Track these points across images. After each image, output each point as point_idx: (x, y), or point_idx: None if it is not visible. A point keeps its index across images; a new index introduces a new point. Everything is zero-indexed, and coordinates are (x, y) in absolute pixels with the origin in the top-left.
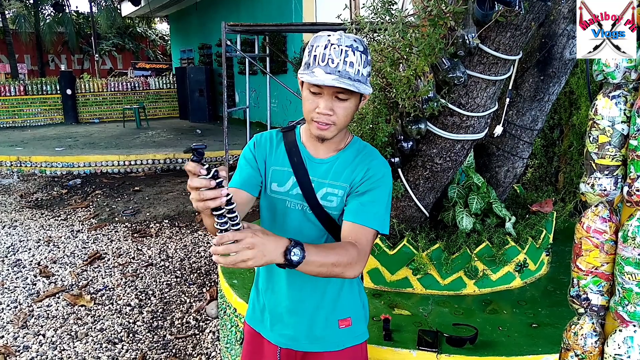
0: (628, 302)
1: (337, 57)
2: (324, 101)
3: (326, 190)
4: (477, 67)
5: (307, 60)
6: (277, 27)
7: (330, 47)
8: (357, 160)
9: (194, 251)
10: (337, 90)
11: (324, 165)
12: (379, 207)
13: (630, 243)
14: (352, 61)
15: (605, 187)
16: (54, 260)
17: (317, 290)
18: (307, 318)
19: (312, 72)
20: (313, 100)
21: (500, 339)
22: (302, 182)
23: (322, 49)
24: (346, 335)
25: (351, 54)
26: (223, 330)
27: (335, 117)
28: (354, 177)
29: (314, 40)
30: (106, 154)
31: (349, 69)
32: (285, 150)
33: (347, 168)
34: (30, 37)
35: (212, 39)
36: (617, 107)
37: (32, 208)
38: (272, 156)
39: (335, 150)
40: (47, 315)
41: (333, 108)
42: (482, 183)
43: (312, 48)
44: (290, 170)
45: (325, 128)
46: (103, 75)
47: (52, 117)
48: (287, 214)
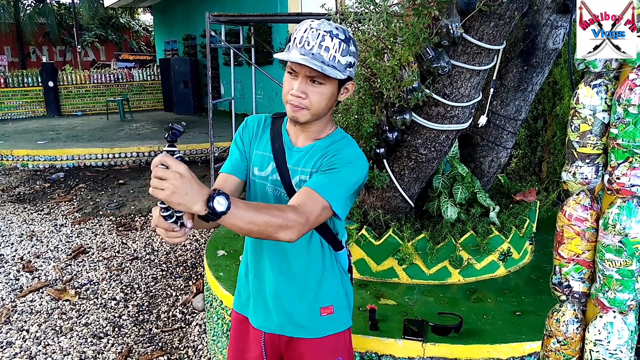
0: (608, 289)
1: (313, 40)
2: (298, 83)
3: (299, 178)
4: (461, 57)
5: (288, 43)
6: (262, 17)
7: (309, 30)
8: (330, 148)
9: (180, 244)
10: (309, 74)
11: (300, 153)
12: (336, 184)
13: (611, 230)
14: (328, 46)
15: (587, 175)
16: (38, 255)
17: (299, 277)
18: (290, 304)
19: (287, 52)
20: (289, 82)
21: (485, 327)
22: (280, 169)
23: (301, 32)
24: (328, 323)
25: (328, 39)
26: (209, 322)
27: (308, 102)
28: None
29: (300, 25)
30: (90, 147)
31: (324, 52)
32: (270, 136)
33: (318, 154)
34: (11, 28)
35: (196, 29)
36: (598, 95)
37: (15, 202)
38: (257, 140)
39: (314, 140)
40: (31, 311)
41: (306, 91)
42: (466, 173)
43: (296, 30)
44: (270, 155)
45: (297, 110)
46: (86, 67)
47: (34, 110)
48: (266, 199)
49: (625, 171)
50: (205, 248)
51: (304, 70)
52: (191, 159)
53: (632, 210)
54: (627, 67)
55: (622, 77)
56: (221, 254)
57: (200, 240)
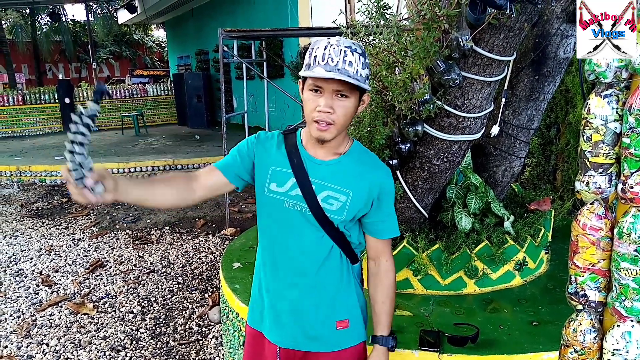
0: (625, 298)
1: (336, 57)
2: (324, 99)
3: (328, 194)
4: (472, 69)
5: (307, 62)
6: (274, 32)
7: (330, 47)
8: (364, 169)
9: (195, 257)
10: (336, 88)
11: (325, 167)
12: (394, 217)
13: (626, 239)
14: (351, 61)
15: (600, 184)
16: (56, 269)
17: (315, 291)
18: (305, 318)
19: (312, 71)
20: (314, 100)
21: (502, 338)
22: (302, 184)
23: (322, 50)
24: (344, 337)
25: (350, 54)
26: (226, 335)
27: (335, 116)
28: (369, 190)
29: (314, 44)
30: (105, 162)
31: (348, 67)
32: (285, 152)
33: (351, 174)
34: (28, 46)
35: (208, 44)
36: (610, 105)
37: (33, 217)
38: (272, 156)
39: (336, 154)
40: (50, 325)
41: (333, 106)
42: (480, 183)
43: (313, 50)
44: (290, 171)
45: (325, 129)
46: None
47: (51, 126)
48: (285, 215)
49: (639, 180)
50: (220, 260)
51: (332, 85)
52: None
53: None
54: (638, 77)
55: (632, 86)
56: (237, 266)
57: (215, 253)
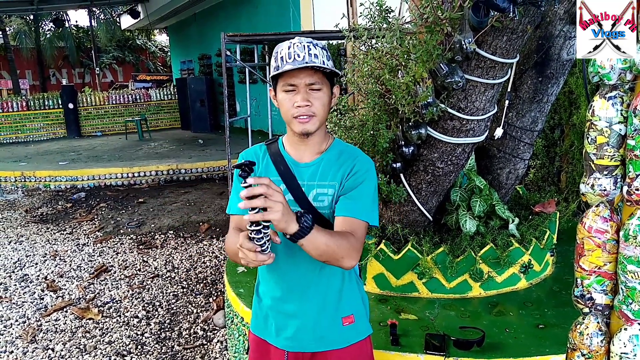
0: (632, 301)
1: (301, 52)
2: (299, 95)
3: (316, 192)
4: (475, 71)
5: (275, 64)
6: (276, 36)
7: (293, 45)
8: (342, 159)
9: (200, 261)
10: (309, 82)
11: (310, 168)
12: (366, 200)
13: (632, 242)
14: (316, 53)
15: (605, 187)
16: (61, 274)
17: (320, 291)
18: (312, 319)
19: (281, 70)
20: (289, 99)
21: (508, 341)
22: (292, 188)
23: (286, 50)
24: (350, 332)
25: (313, 47)
26: (231, 339)
27: (314, 108)
28: (342, 174)
29: (277, 47)
30: (109, 167)
31: (315, 59)
32: (271, 161)
33: (333, 167)
34: (31, 52)
35: (211, 49)
36: (614, 107)
37: (38, 223)
38: (262, 169)
39: (319, 153)
40: (56, 330)
41: (309, 99)
42: (484, 185)
43: (277, 53)
44: (278, 178)
45: (306, 120)
46: (104, 88)
47: (55, 131)
48: None
49: None
50: (225, 265)
51: (304, 79)
52: (209, 176)
53: None
54: None
55: (637, 88)
56: (241, 270)
57: (219, 257)
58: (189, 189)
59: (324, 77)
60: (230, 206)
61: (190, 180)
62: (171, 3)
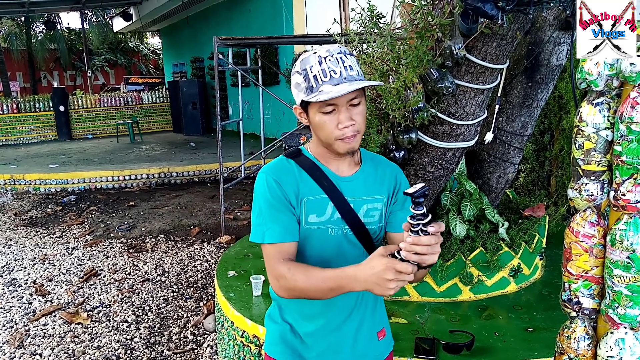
0: (618, 305)
1: (336, 67)
2: (343, 114)
3: (367, 207)
4: (465, 77)
5: (308, 85)
6: (269, 39)
7: (325, 60)
8: (380, 169)
9: (190, 265)
10: (350, 98)
11: (354, 182)
12: None
13: (618, 246)
14: (351, 64)
15: (592, 192)
16: (50, 278)
17: (360, 310)
18: (355, 339)
19: (321, 92)
20: (330, 120)
21: (497, 345)
22: (340, 206)
23: (318, 66)
24: (384, 345)
25: (345, 58)
26: (221, 344)
27: (358, 125)
28: (387, 186)
29: (304, 63)
30: (100, 170)
31: (352, 72)
32: (310, 177)
33: (377, 179)
34: (22, 54)
35: (204, 52)
36: (601, 114)
37: (27, 226)
38: (301, 187)
39: (356, 164)
40: (44, 335)
41: (352, 117)
42: (474, 190)
43: (307, 70)
44: (325, 196)
45: (352, 140)
46: (96, 90)
47: (45, 134)
48: (329, 243)
49: (631, 187)
50: (215, 269)
51: (345, 98)
52: (200, 179)
53: (638, 226)
54: (628, 86)
55: (623, 95)
56: (232, 274)
57: (210, 261)
58: (180, 192)
59: (362, 88)
60: (272, 233)
61: (182, 184)
62: (164, 6)
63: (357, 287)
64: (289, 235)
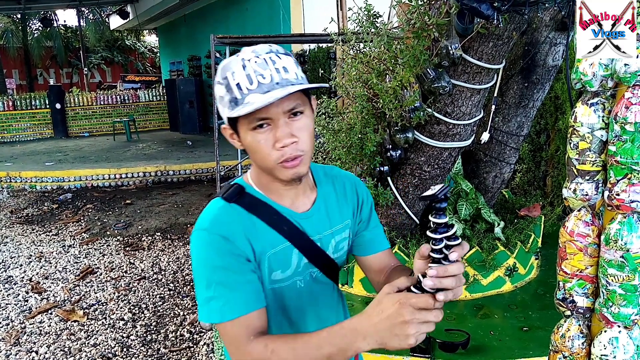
0: (612, 304)
1: (264, 70)
2: (280, 130)
3: (335, 241)
4: (461, 77)
5: (231, 96)
6: (266, 38)
7: (250, 63)
8: (339, 185)
9: (187, 263)
10: (288, 107)
11: (315, 215)
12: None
13: (612, 246)
14: (285, 66)
15: (587, 192)
16: (46, 276)
17: None
18: None
19: (247, 103)
20: (265, 139)
21: (492, 343)
22: (306, 251)
23: (241, 72)
24: None
25: (277, 58)
26: (217, 342)
27: (302, 143)
28: (351, 206)
29: (225, 70)
30: (97, 168)
31: (287, 75)
32: (266, 224)
33: (338, 201)
34: (18, 51)
35: (201, 50)
36: (596, 114)
37: (23, 224)
38: (257, 240)
39: (312, 189)
40: (40, 332)
41: (293, 132)
42: (470, 189)
43: (228, 79)
44: (287, 244)
45: (297, 163)
46: (92, 88)
47: (42, 131)
48: (295, 296)
49: (625, 187)
50: None
51: (281, 107)
52: (197, 177)
53: (632, 225)
54: (623, 86)
55: (618, 95)
56: None
57: None
58: (176, 190)
59: (303, 94)
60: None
61: (178, 182)
62: (161, 4)
63: (365, 345)
64: (256, 302)
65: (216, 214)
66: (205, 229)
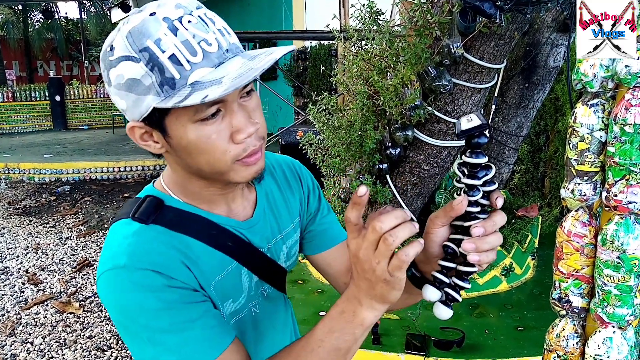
0: (607, 304)
1: (206, 33)
2: (236, 115)
3: (287, 247)
4: (462, 76)
5: (161, 77)
6: (267, 34)
7: (183, 25)
8: (280, 179)
9: None
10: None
11: (262, 220)
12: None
13: (609, 246)
14: (224, 26)
15: (585, 192)
16: (43, 267)
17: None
18: None
19: (195, 85)
20: (218, 133)
21: (487, 342)
22: (256, 267)
23: (172, 38)
24: None
25: (212, 15)
26: None
27: (262, 128)
28: (297, 199)
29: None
30: (95, 161)
31: (232, 38)
32: (205, 244)
33: (282, 199)
34: (19, 43)
35: None
36: (595, 115)
37: (21, 215)
38: (198, 266)
39: (249, 189)
40: (36, 323)
41: (251, 116)
42: None
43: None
44: (235, 263)
45: (260, 157)
46: (92, 81)
47: (41, 123)
48: (252, 323)
49: (622, 188)
50: None
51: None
52: None
53: (629, 226)
54: (623, 88)
55: (618, 97)
56: None
57: None
58: None
59: None
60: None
61: None
62: None
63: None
64: (223, 336)
65: (132, 242)
66: (124, 266)
